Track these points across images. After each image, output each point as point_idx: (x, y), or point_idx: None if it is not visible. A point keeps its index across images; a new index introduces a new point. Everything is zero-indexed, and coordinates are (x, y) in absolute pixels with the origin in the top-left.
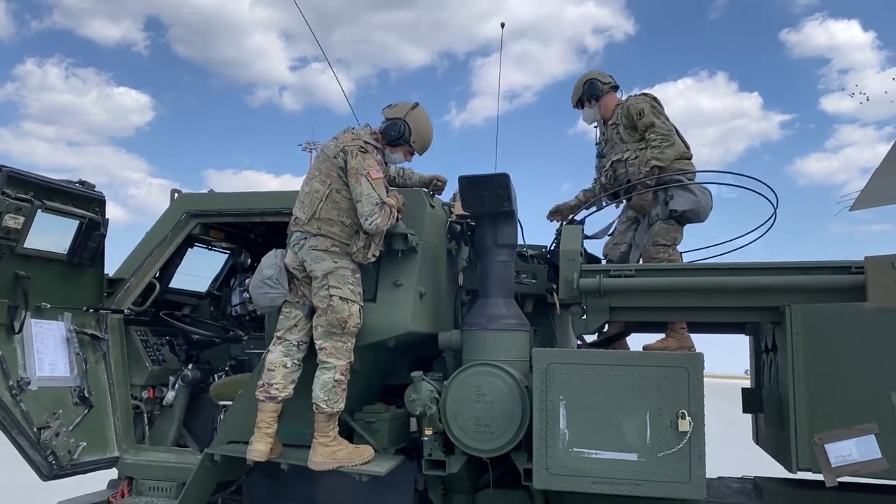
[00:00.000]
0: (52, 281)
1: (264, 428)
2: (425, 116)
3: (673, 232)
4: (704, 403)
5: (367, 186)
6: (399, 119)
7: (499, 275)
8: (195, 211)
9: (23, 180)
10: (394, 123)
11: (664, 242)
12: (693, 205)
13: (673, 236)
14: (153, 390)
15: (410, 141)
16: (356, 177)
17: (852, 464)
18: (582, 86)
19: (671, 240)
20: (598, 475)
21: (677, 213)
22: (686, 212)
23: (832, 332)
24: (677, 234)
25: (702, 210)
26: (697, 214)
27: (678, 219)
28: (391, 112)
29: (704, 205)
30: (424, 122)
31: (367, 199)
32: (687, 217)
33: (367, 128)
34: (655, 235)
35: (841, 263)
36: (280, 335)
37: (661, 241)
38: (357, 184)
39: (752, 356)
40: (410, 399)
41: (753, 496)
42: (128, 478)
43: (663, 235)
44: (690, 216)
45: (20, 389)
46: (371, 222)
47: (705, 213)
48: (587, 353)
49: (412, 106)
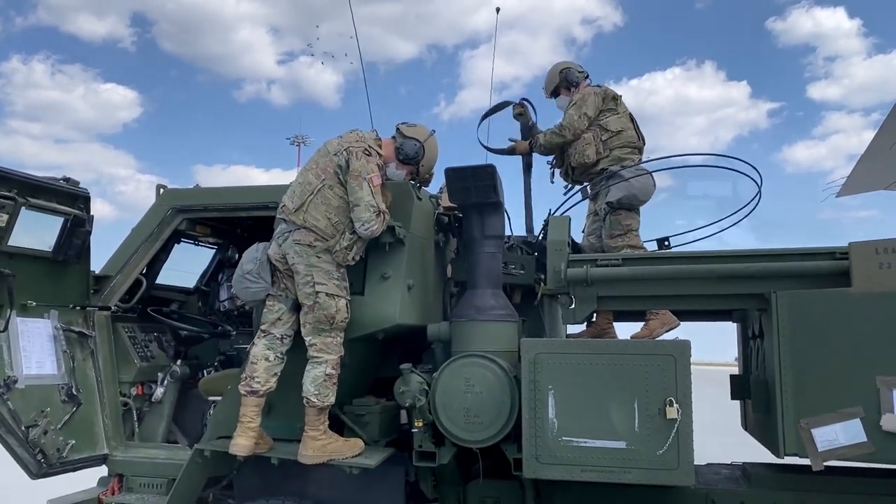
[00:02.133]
0: (37, 278)
1: (246, 422)
2: (437, 146)
3: (623, 219)
4: (692, 391)
5: (367, 192)
6: (418, 141)
7: (486, 266)
8: (181, 206)
9: (5, 177)
10: (412, 143)
11: (617, 232)
12: (626, 190)
13: (625, 224)
14: (142, 387)
15: (419, 163)
16: (358, 180)
17: (839, 448)
18: (558, 74)
19: (624, 228)
20: (587, 463)
21: (614, 203)
22: (622, 199)
23: (818, 317)
24: (629, 220)
25: (638, 192)
26: (635, 197)
27: (617, 207)
28: (410, 132)
29: (639, 187)
30: (435, 151)
31: (366, 204)
32: (624, 203)
33: (373, 133)
34: (610, 227)
35: (826, 250)
36: (264, 328)
37: (614, 231)
38: (358, 187)
39: (740, 343)
40: (400, 391)
41: (742, 482)
42: (118, 475)
43: (615, 226)
44: (628, 200)
45: (7, 388)
46: (367, 228)
47: (644, 194)
48: (575, 342)
49: (430, 132)
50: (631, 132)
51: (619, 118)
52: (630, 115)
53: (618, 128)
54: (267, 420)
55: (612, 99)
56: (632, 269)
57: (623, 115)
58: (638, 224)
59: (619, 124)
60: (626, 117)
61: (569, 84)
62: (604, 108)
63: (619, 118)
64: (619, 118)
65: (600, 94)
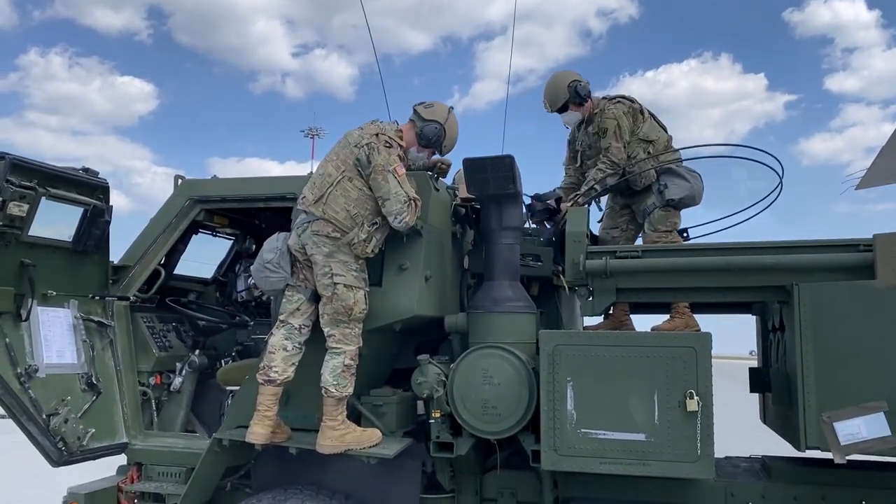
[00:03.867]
0: (57, 268)
1: (263, 411)
2: (457, 123)
3: (672, 217)
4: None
5: (394, 184)
6: (438, 123)
7: (504, 257)
8: (199, 197)
9: (27, 168)
10: (433, 127)
11: (665, 229)
12: (688, 191)
13: (673, 221)
14: (160, 376)
15: (442, 145)
16: (383, 174)
17: (861, 442)
18: (567, 88)
19: (671, 225)
20: (606, 455)
21: (674, 201)
22: (683, 198)
23: (840, 310)
24: (676, 219)
25: (696, 194)
26: (693, 199)
27: (675, 206)
28: (428, 113)
29: (697, 189)
30: (456, 128)
31: (395, 196)
32: (684, 203)
33: (394, 124)
34: (655, 223)
35: (849, 241)
36: (283, 318)
37: (661, 227)
38: (384, 181)
39: (759, 336)
40: (417, 382)
41: (762, 475)
42: (137, 463)
43: (663, 222)
44: (687, 201)
45: (28, 377)
46: (400, 220)
47: (699, 196)
48: (594, 334)
49: (449, 110)
50: (662, 133)
51: (648, 123)
52: (649, 112)
53: (654, 136)
54: (285, 410)
55: (639, 112)
56: (651, 261)
57: (648, 118)
58: (679, 224)
59: (653, 131)
60: (650, 118)
61: (580, 99)
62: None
63: (648, 123)
64: (648, 123)
65: (628, 112)
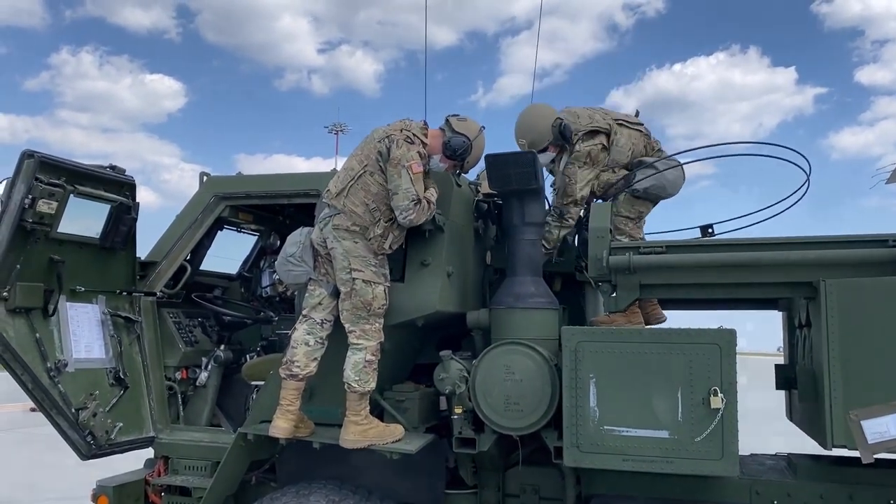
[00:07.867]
0: (85, 265)
1: (286, 405)
2: (484, 143)
3: (638, 206)
4: (737, 380)
5: (406, 180)
6: (467, 139)
7: (526, 253)
8: (224, 193)
9: (55, 166)
10: (461, 140)
11: (626, 214)
12: (656, 181)
13: (638, 210)
14: (186, 371)
15: (465, 160)
16: (397, 168)
17: (889, 440)
18: (552, 129)
19: (635, 213)
20: (629, 453)
21: (639, 191)
22: (648, 189)
23: (868, 307)
24: (642, 207)
25: (668, 185)
26: (664, 189)
27: (641, 196)
28: (461, 126)
29: (670, 180)
30: (482, 148)
31: (404, 193)
32: (651, 193)
33: (423, 123)
34: (619, 206)
35: (877, 237)
36: (305, 313)
37: (623, 212)
38: (397, 175)
39: (785, 332)
40: (440, 378)
41: (787, 473)
42: (163, 457)
43: (628, 208)
44: (656, 191)
45: (58, 371)
46: (405, 217)
47: (673, 187)
48: (617, 330)
49: (480, 129)
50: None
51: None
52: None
53: (624, 158)
54: (309, 404)
55: (600, 150)
56: (676, 257)
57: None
58: (646, 216)
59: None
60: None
61: (565, 142)
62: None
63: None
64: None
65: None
